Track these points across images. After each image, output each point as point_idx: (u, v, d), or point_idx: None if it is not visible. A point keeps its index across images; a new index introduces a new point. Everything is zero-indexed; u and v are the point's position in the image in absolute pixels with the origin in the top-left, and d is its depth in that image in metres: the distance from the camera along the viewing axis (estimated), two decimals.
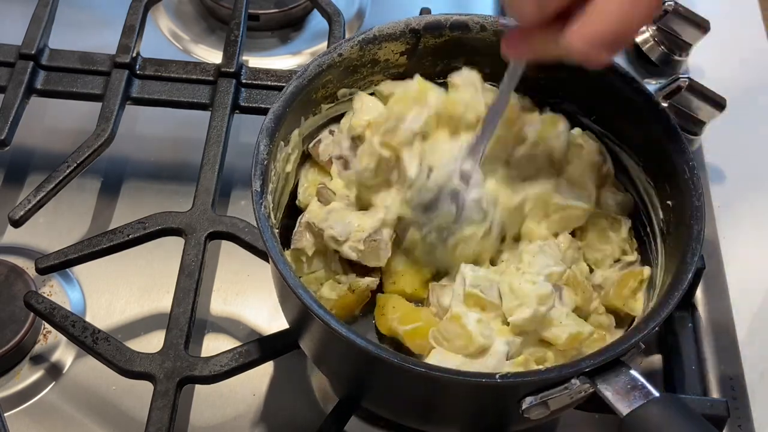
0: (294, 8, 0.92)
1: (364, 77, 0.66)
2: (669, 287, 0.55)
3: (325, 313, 0.52)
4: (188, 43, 0.91)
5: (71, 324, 0.65)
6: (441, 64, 0.66)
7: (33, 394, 0.68)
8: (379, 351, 0.51)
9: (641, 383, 0.52)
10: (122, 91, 0.79)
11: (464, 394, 0.56)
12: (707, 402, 0.66)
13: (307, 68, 0.62)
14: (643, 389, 0.51)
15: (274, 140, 0.59)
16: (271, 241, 0.54)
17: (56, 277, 0.73)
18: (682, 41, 0.88)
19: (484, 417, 0.58)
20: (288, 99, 0.61)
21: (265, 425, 0.68)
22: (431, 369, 0.52)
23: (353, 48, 0.63)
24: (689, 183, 0.58)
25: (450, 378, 0.51)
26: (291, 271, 0.54)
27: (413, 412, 0.61)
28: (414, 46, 0.65)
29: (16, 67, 0.80)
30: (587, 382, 0.52)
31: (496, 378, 0.51)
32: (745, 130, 0.86)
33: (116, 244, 0.69)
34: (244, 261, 0.72)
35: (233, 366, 0.64)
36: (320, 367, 0.64)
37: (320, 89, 0.64)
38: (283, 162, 0.62)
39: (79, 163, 0.74)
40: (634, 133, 0.64)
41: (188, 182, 0.76)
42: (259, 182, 0.57)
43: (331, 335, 0.52)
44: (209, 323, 0.73)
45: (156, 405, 0.62)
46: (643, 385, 0.52)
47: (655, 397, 0.51)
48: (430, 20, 0.64)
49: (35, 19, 0.82)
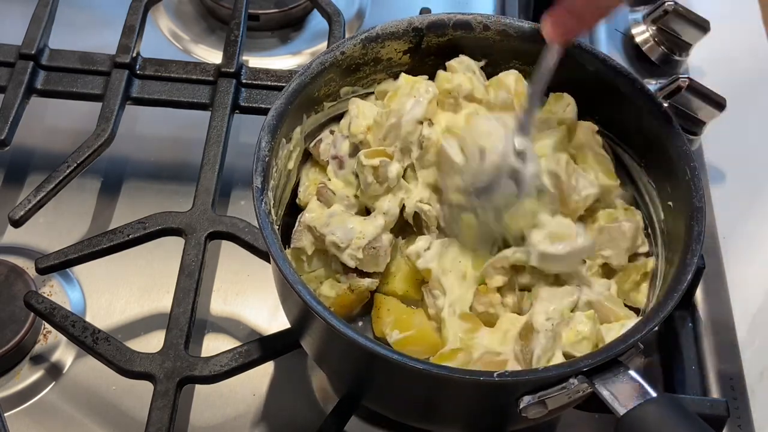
0: (294, 8, 0.92)
1: (366, 76, 0.66)
2: (669, 287, 0.55)
3: (325, 311, 0.52)
4: (188, 43, 0.91)
5: (71, 324, 0.65)
6: (443, 63, 0.66)
7: (33, 394, 0.68)
8: (379, 349, 0.52)
9: (639, 383, 0.52)
10: (122, 91, 0.79)
11: (463, 392, 0.56)
12: (707, 402, 0.66)
13: (309, 66, 0.62)
14: (641, 389, 0.51)
15: (275, 137, 0.59)
16: (271, 237, 0.55)
17: (56, 277, 0.73)
18: (682, 41, 0.88)
19: (482, 416, 0.58)
20: (290, 96, 0.61)
21: (265, 425, 0.68)
22: (430, 367, 0.52)
23: (356, 46, 0.63)
24: (690, 184, 0.58)
25: (448, 376, 0.52)
26: (291, 268, 0.54)
27: (413, 411, 0.61)
28: (417, 45, 0.65)
29: (16, 67, 0.80)
30: (585, 381, 0.52)
31: (494, 376, 0.51)
32: (745, 130, 0.86)
33: (116, 244, 0.69)
34: (244, 261, 0.72)
35: (233, 366, 0.64)
36: (321, 366, 0.64)
37: (322, 87, 0.64)
38: (284, 159, 0.62)
39: (79, 163, 0.74)
40: (635, 133, 0.64)
41: (188, 182, 0.76)
42: (260, 179, 0.57)
43: (332, 333, 0.53)
44: (209, 323, 0.72)
45: (156, 405, 0.62)
46: (640, 385, 0.52)
47: (652, 397, 0.51)
48: (433, 19, 0.64)
49: (35, 19, 0.82)
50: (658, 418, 0.50)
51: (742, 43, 0.94)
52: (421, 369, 0.51)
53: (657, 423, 0.50)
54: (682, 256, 0.56)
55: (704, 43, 0.88)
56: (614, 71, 0.63)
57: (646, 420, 0.50)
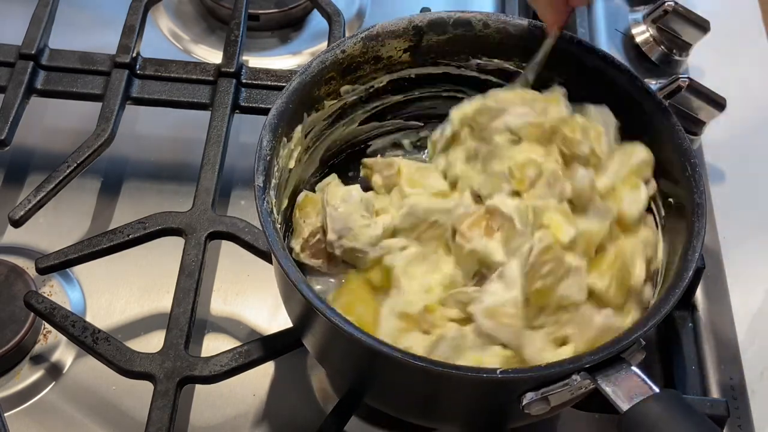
0: (294, 8, 0.92)
1: (366, 74, 0.66)
2: (670, 284, 0.55)
3: (328, 309, 0.52)
4: (188, 43, 0.91)
5: (71, 324, 0.65)
6: (444, 61, 0.66)
7: (33, 394, 0.68)
8: (382, 346, 0.52)
9: (642, 379, 0.52)
10: (122, 91, 0.79)
11: (465, 390, 0.56)
12: (707, 402, 0.66)
13: (310, 65, 0.62)
14: (644, 385, 0.51)
15: (276, 136, 0.59)
16: (273, 236, 0.55)
17: (56, 277, 0.73)
18: (682, 41, 0.88)
19: (484, 412, 0.58)
20: (291, 95, 0.61)
21: (265, 425, 0.67)
22: (433, 364, 0.52)
23: (356, 45, 0.63)
24: (691, 180, 0.58)
25: (451, 373, 0.52)
26: (294, 267, 0.54)
27: (415, 408, 0.61)
28: (417, 43, 0.65)
29: (16, 67, 0.79)
30: (588, 378, 0.52)
31: (497, 373, 0.51)
32: (745, 130, 0.86)
33: (116, 244, 0.69)
34: (244, 261, 0.72)
35: (233, 366, 0.64)
36: (323, 364, 0.64)
37: (323, 86, 0.64)
38: (285, 158, 0.62)
39: (79, 163, 0.74)
40: (636, 130, 0.64)
41: (188, 182, 0.76)
42: (261, 178, 0.57)
43: (335, 331, 0.53)
44: (209, 323, 0.72)
45: (156, 405, 0.62)
46: (643, 380, 0.52)
47: (655, 393, 0.51)
48: (434, 17, 0.65)
49: (35, 19, 0.82)
50: (661, 414, 0.50)
51: (742, 43, 0.94)
52: (424, 366, 0.51)
53: (660, 419, 0.50)
54: (684, 253, 0.56)
55: (704, 43, 0.88)
56: (614, 67, 0.64)
57: (650, 416, 0.50)
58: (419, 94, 0.70)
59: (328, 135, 0.68)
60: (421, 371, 0.52)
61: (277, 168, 0.61)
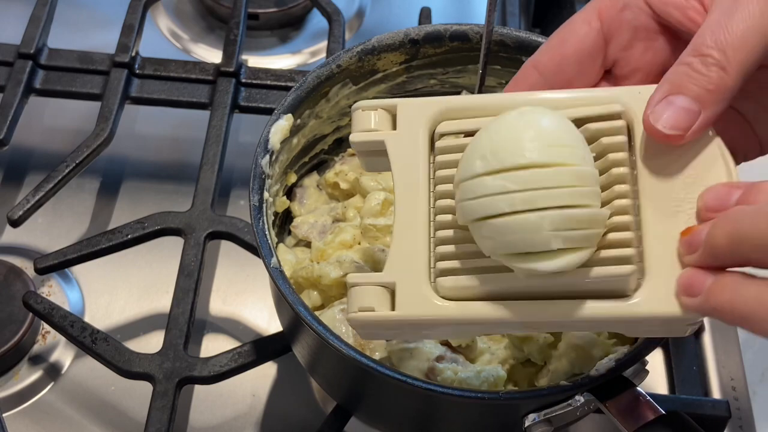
0: (294, 7, 0.92)
1: (362, 88, 0.65)
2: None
3: (325, 330, 0.51)
4: (187, 43, 0.91)
5: (70, 324, 0.65)
6: (440, 74, 0.66)
7: (32, 394, 0.68)
8: (375, 365, 0.50)
9: (647, 400, 0.50)
10: (121, 90, 0.79)
11: (465, 412, 0.54)
12: (709, 402, 0.66)
13: (305, 80, 0.61)
14: (649, 406, 0.50)
15: (273, 153, 0.59)
16: (269, 258, 0.54)
17: (55, 277, 0.73)
18: None
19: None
20: (286, 111, 0.60)
21: (265, 425, 0.67)
22: (431, 386, 0.50)
23: (352, 59, 0.63)
24: None
25: (451, 395, 0.50)
26: (291, 288, 0.52)
27: (410, 429, 0.60)
28: (413, 56, 0.64)
29: (14, 66, 0.79)
30: (591, 398, 0.51)
31: (499, 396, 0.50)
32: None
33: (115, 244, 0.69)
34: (244, 261, 0.72)
35: (232, 366, 0.64)
36: (313, 376, 0.63)
37: (319, 100, 0.63)
38: (281, 168, 0.62)
39: (78, 162, 0.74)
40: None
41: (188, 182, 0.76)
42: (257, 197, 0.56)
43: (334, 352, 0.51)
44: (208, 323, 0.72)
45: (155, 405, 0.62)
46: (648, 402, 0.50)
47: (661, 414, 0.50)
48: (430, 30, 0.64)
49: (34, 19, 0.82)
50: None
51: None
52: (421, 388, 0.49)
53: None
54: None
55: None
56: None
57: None
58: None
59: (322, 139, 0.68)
60: (417, 392, 0.50)
61: (273, 179, 0.60)
